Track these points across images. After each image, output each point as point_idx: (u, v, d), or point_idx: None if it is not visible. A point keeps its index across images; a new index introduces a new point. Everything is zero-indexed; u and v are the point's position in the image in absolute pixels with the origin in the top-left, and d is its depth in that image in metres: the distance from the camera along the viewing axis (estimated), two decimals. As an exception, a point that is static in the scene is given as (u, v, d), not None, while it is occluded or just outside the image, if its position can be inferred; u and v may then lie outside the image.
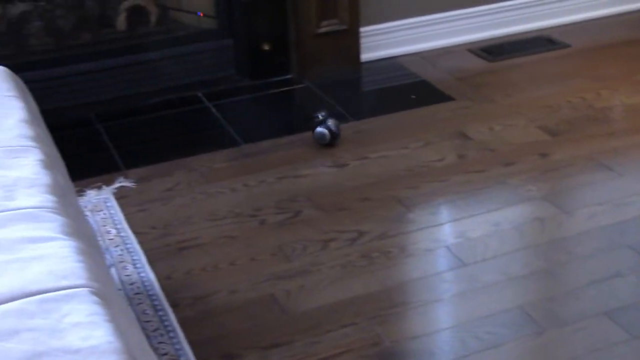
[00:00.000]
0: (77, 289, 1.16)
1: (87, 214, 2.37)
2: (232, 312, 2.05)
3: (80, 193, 2.48)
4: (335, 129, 2.78)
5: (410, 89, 3.24)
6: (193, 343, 1.92)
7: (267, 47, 3.20)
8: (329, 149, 2.78)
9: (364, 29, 3.35)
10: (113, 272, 2.16)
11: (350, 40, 3.30)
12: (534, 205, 2.46)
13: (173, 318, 2.00)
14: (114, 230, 2.38)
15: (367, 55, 3.40)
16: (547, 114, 2.97)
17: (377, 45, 3.44)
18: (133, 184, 2.61)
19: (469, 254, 2.25)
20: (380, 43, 3.45)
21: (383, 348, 1.92)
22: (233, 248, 2.29)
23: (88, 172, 2.64)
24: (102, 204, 2.50)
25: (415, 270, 2.21)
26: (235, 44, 3.20)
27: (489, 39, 3.59)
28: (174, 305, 2.05)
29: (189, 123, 3.02)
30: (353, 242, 2.31)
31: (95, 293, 1.17)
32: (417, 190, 2.55)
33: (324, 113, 2.79)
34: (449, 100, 3.12)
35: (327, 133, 2.77)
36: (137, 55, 3.13)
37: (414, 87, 3.26)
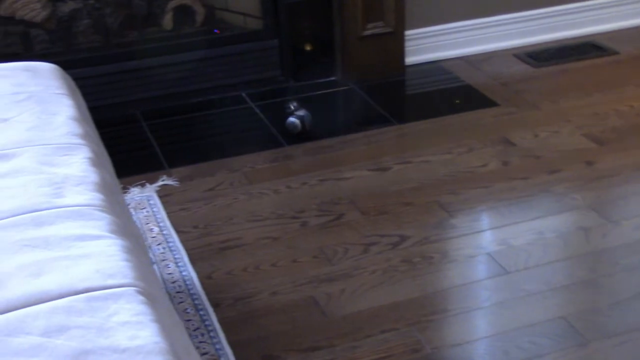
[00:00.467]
0: (123, 288, 1.17)
1: (130, 212, 2.39)
2: (272, 313, 2.05)
3: (124, 190, 2.50)
4: (307, 120, 2.84)
5: (454, 94, 3.22)
6: (233, 344, 1.93)
7: (308, 47, 3.20)
8: (372, 152, 2.78)
9: (409, 32, 3.34)
10: (155, 270, 2.17)
11: (395, 43, 3.29)
12: (579, 215, 2.43)
13: (214, 318, 2.01)
14: (157, 228, 2.39)
15: (411, 59, 3.39)
16: (593, 122, 2.94)
17: (421, 49, 3.42)
18: (176, 183, 2.63)
19: (512, 262, 2.23)
20: (425, 46, 3.43)
21: (424, 355, 1.91)
22: (274, 249, 2.30)
23: (132, 169, 2.67)
24: (145, 202, 2.52)
25: (457, 277, 2.19)
26: (281, 45, 3.21)
27: (535, 44, 3.56)
28: (215, 305, 2.06)
29: (233, 123, 3.04)
30: (395, 246, 2.30)
31: (142, 293, 1.18)
32: (459, 196, 2.53)
33: (296, 103, 2.87)
34: (493, 106, 3.09)
35: (298, 123, 2.85)
36: (182, 55, 3.14)
37: (458, 91, 3.24)
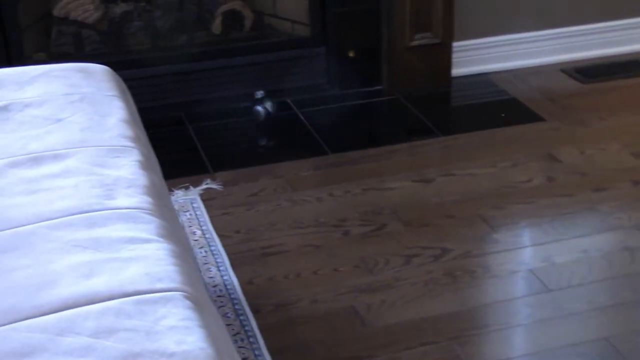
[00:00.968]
0: (171, 292, 1.18)
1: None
2: (312, 321, 2.06)
3: (169, 192, 2.52)
4: (271, 109, 2.98)
5: (500, 107, 3.20)
6: (272, 350, 1.94)
7: (355, 55, 3.20)
8: (416, 164, 2.77)
9: (457, 44, 3.33)
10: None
11: (442, 55, 3.28)
12: (624, 234, 2.40)
13: (254, 323, 2.02)
14: (199, 232, 2.41)
15: (458, 70, 3.38)
16: (641, 141, 2.91)
17: (468, 61, 3.41)
18: (220, 187, 2.65)
19: (554, 280, 2.21)
20: (472, 58, 3.42)
21: (463, 369, 1.90)
22: (316, 257, 2.30)
23: (177, 172, 2.68)
24: (189, 205, 2.54)
25: (499, 292, 2.18)
26: (327, 53, 3.22)
27: (583, 60, 3.53)
28: (255, 311, 2.07)
29: (277, 129, 3.05)
30: (436, 259, 2.29)
31: (189, 298, 1.19)
32: (502, 211, 2.52)
33: (263, 92, 3.00)
34: (539, 121, 3.07)
35: (262, 112, 2.98)
36: (230, 59, 3.17)
37: (504, 105, 3.22)
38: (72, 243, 1.27)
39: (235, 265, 2.25)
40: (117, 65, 2.19)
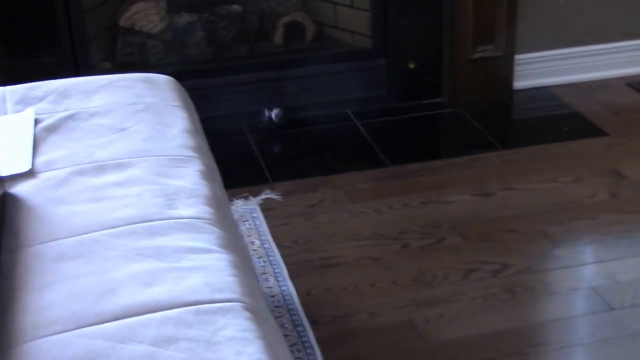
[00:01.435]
0: (231, 303, 1.19)
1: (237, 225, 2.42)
2: (370, 334, 2.05)
3: (229, 202, 2.54)
4: (277, 118, 3.04)
5: (563, 121, 3.15)
6: (329, 362, 1.94)
7: (416, 67, 3.19)
8: (476, 177, 2.75)
9: (519, 57, 3.30)
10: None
11: (505, 67, 3.25)
12: (691, 253, 2.35)
13: (311, 335, 2.02)
14: (258, 242, 2.42)
15: (520, 83, 3.34)
16: None
17: (531, 74, 3.37)
18: (279, 197, 2.66)
19: (617, 298, 2.16)
20: (535, 71, 3.38)
21: (522, 387, 1.88)
22: (374, 270, 2.30)
23: (237, 181, 2.70)
24: (248, 214, 2.56)
25: (559, 310, 2.14)
26: (388, 65, 3.21)
27: (650, 74, 3.46)
28: (313, 322, 2.07)
29: (337, 140, 3.05)
30: (496, 274, 2.26)
31: (248, 309, 1.19)
32: (564, 226, 2.48)
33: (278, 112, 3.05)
34: (603, 135, 3.02)
35: (270, 115, 3.04)
36: (290, 70, 3.18)
37: (567, 119, 3.17)
38: (134, 252, 1.29)
39: (294, 276, 2.26)
40: (180, 75, 2.22)
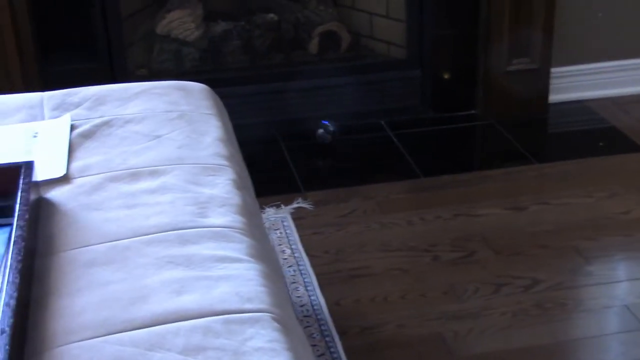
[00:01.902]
0: (260, 314, 1.19)
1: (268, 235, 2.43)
2: (398, 346, 2.04)
3: (260, 210, 2.55)
4: (331, 132, 3.02)
5: (599, 135, 3.13)
6: (357, 373, 1.94)
7: (450, 78, 3.19)
8: (509, 191, 2.73)
9: (555, 70, 3.27)
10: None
11: (540, 80, 3.23)
12: None
13: (340, 346, 2.02)
14: (289, 250, 2.43)
15: (555, 97, 3.32)
16: None
17: (566, 87, 3.35)
18: (310, 206, 2.66)
19: (650, 317, 2.14)
20: (571, 85, 3.35)
21: (551, 405, 1.86)
22: (404, 281, 2.29)
23: (269, 190, 2.70)
24: (279, 223, 2.57)
25: (591, 327, 2.12)
26: (423, 76, 3.21)
27: (688, 89, 3.42)
28: (342, 333, 2.07)
29: (369, 150, 3.05)
30: (527, 289, 2.25)
31: (277, 320, 1.19)
32: (598, 243, 2.45)
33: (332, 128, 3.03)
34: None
35: (325, 135, 3.02)
36: (325, 79, 3.19)
37: (603, 133, 3.14)
38: (165, 259, 1.30)
39: (323, 286, 2.26)
40: (215, 83, 2.23)
